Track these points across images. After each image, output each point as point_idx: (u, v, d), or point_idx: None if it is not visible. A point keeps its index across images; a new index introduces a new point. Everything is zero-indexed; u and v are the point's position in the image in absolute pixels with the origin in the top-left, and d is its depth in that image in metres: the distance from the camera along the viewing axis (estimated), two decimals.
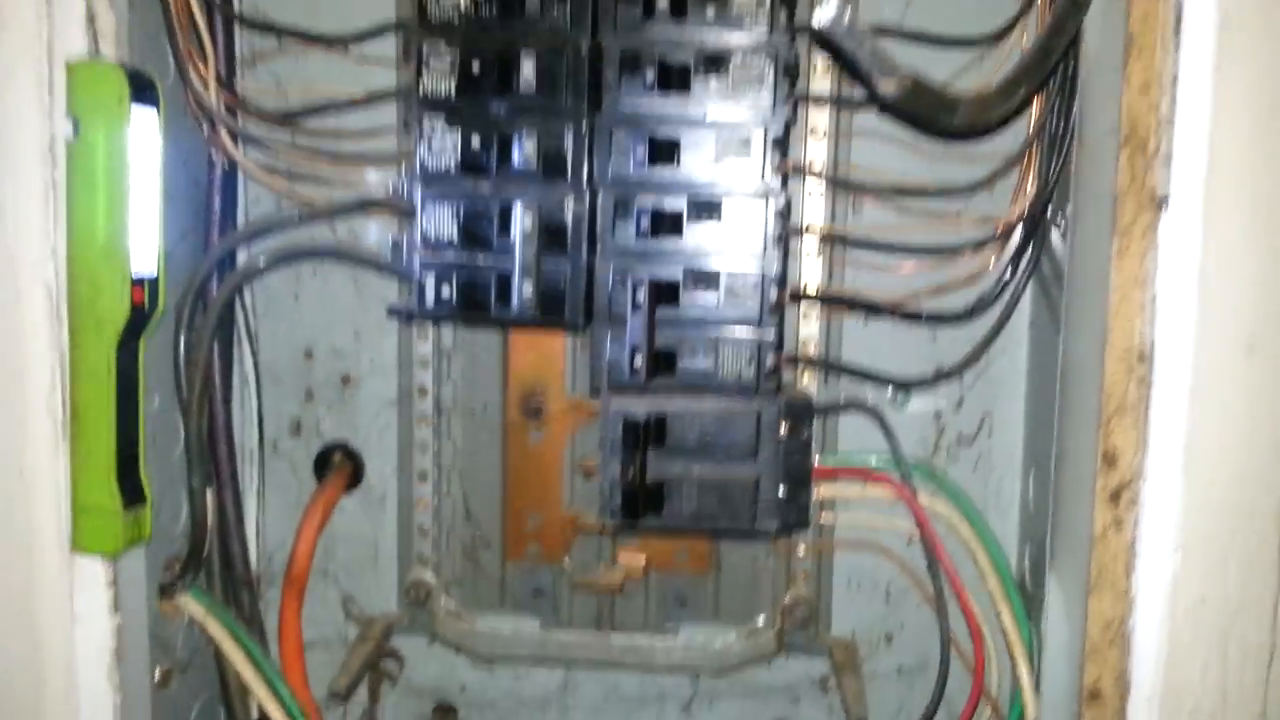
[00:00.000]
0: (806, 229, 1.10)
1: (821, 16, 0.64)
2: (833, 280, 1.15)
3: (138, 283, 0.96)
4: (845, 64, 0.68)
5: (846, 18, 0.64)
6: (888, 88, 0.69)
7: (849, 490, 1.15)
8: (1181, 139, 0.87)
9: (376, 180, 1.08)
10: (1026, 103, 0.89)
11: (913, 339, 1.15)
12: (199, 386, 1.07)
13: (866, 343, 1.16)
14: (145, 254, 0.97)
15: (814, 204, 1.13)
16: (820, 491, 1.15)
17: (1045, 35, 0.84)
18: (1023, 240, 1.06)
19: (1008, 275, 1.07)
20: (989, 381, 1.14)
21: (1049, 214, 1.05)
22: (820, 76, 1.10)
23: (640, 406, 0.98)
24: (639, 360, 0.96)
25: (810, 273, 1.13)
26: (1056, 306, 1.04)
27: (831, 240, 1.12)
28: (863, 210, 1.14)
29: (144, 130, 0.95)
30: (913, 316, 1.09)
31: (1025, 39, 1.03)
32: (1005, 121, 0.93)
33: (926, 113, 0.74)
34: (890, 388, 1.16)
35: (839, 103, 1.11)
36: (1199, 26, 0.86)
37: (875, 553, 1.18)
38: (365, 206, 1.08)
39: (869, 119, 1.10)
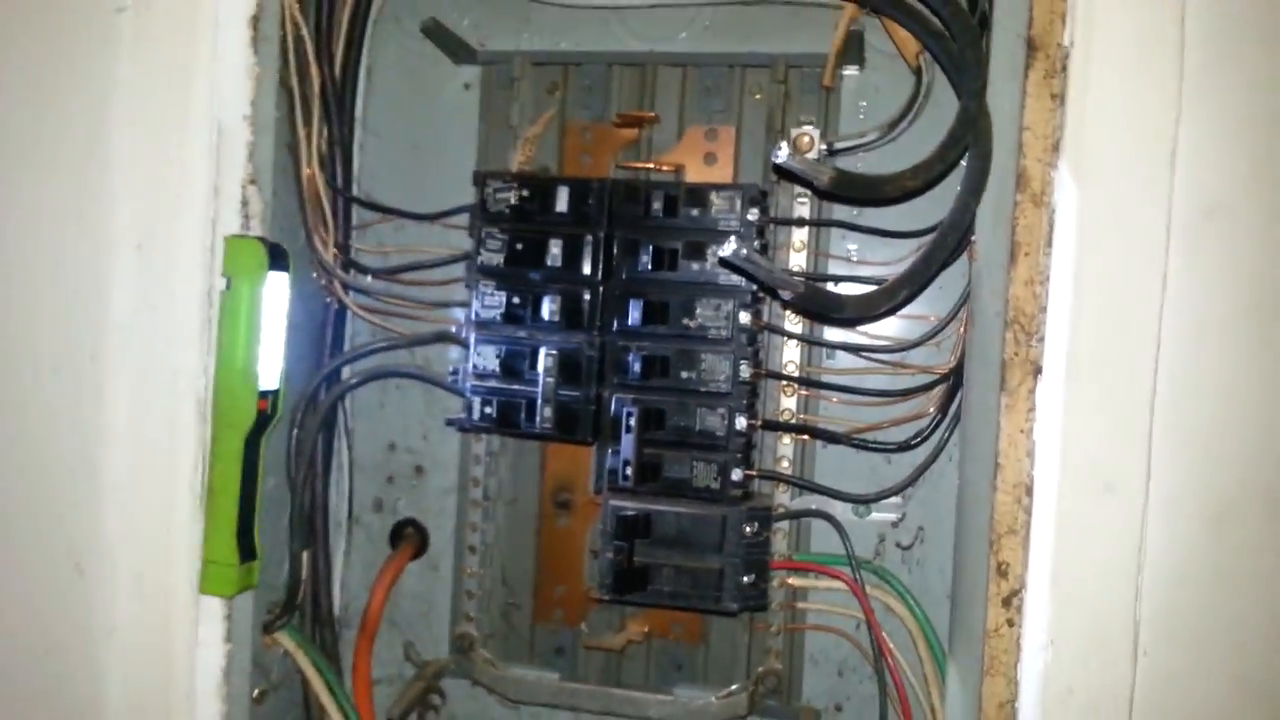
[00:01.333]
0: (769, 373, 1.37)
1: (724, 251, 0.93)
2: (808, 409, 1.42)
3: (263, 395, 1.29)
4: (751, 279, 0.96)
5: (744, 250, 0.93)
6: (786, 294, 0.98)
7: (813, 582, 1.41)
8: (1051, 323, 1.12)
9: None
10: (910, 300, 1.16)
11: (871, 461, 1.40)
12: (305, 471, 1.41)
13: (835, 462, 1.42)
14: (271, 374, 1.31)
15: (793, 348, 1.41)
16: (792, 582, 1.42)
17: (928, 250, 1.11)
18: (950, 389, 1.32)
19: (939, 416, 1.33)
20: (921, 501, 1.39)
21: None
22: (796, 252, 1.39)
23: (631, 505, 1.27)
24: (630, 470, 1.26)
25: (788, 403, 1.40)
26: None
27: (802, 382, 1.39)
28: (835, 355, 1.41)
29: (277, 286, 1.29)
30: (861, 445, 1.36)
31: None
32: (892, 312, 1.20)
33: (820, 309, 1.02)
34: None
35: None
36: (1065, 238, 1.12)
37: (835, 635, 1.43)
38: (437, 340, 1.42)
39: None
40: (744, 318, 1.27)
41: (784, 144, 0.95)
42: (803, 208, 1.39)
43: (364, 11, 1.44)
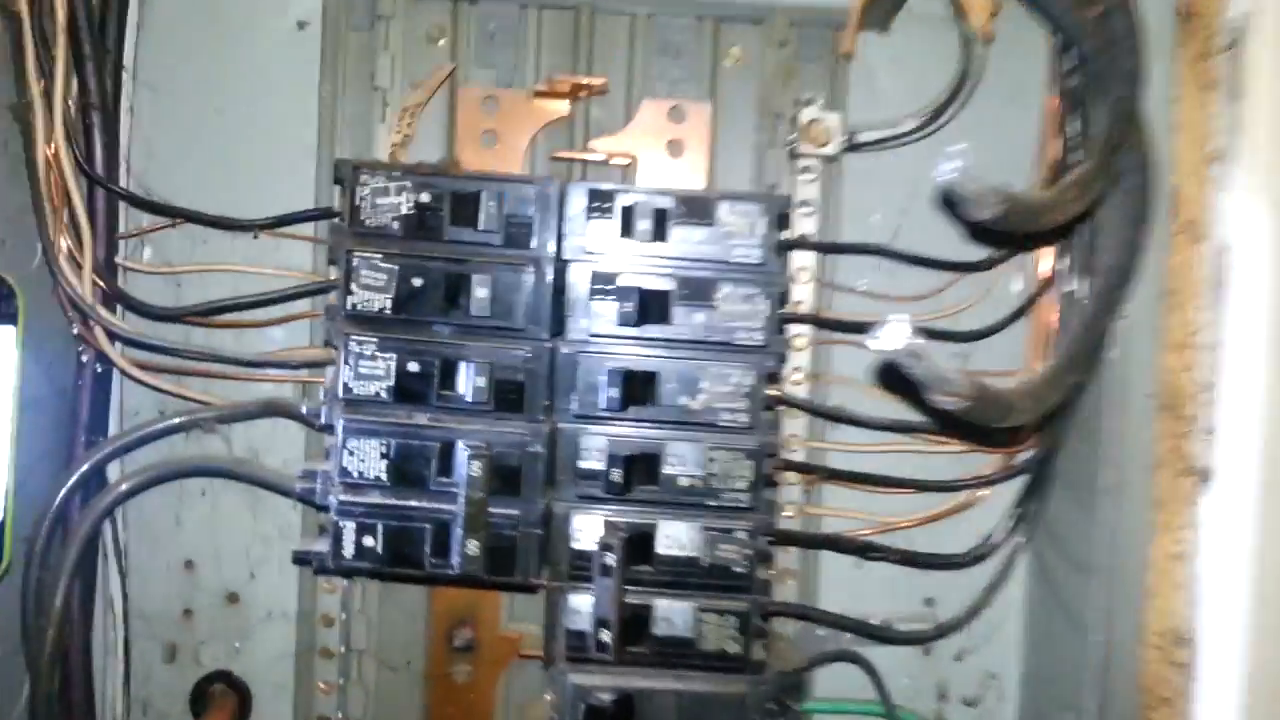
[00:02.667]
0: (793, 464, 0.96)
1: (884, 342, 0.52)
2: (810, 497, 1.02)
3: None
4: (908, 384, 0.57)
5: (907, 340, 0.53)
6: (949, 402, 0.58)
7: None
8: (1227, 407, 0.77)
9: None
10: (1080, 390, 0.79)
11: (901, 573, 1.01)
12: (53, 633, 0.87)
13: (843, 573, 1.02)
14: None
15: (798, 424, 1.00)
16: None
17: (1091, 318, 0.74)
18: (1030, 488, 0.95)
19: (1016, 518, 0.96)
20: (995, 640, 1.03)
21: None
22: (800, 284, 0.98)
23: (605, 685, 0.83)
24: (605, 635, 0.81)
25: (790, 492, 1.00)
26: (1050, 571, 0.94)
27: (833, 477, 0.98)
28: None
29: None
30: (909, 560, 0.97)
31: None
32: (1063, 412, 0.82)
33: (986, 418, 0.62)
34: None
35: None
36: (1246, 282, 0.77)
37: None
38: (266, 414, 0.91)
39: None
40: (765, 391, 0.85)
41: (956, 156, 0.55)
42: (807, 221, 0.98)
43: None
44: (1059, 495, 0.97)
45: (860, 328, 0.95)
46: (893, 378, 0.60)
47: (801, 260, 0.99)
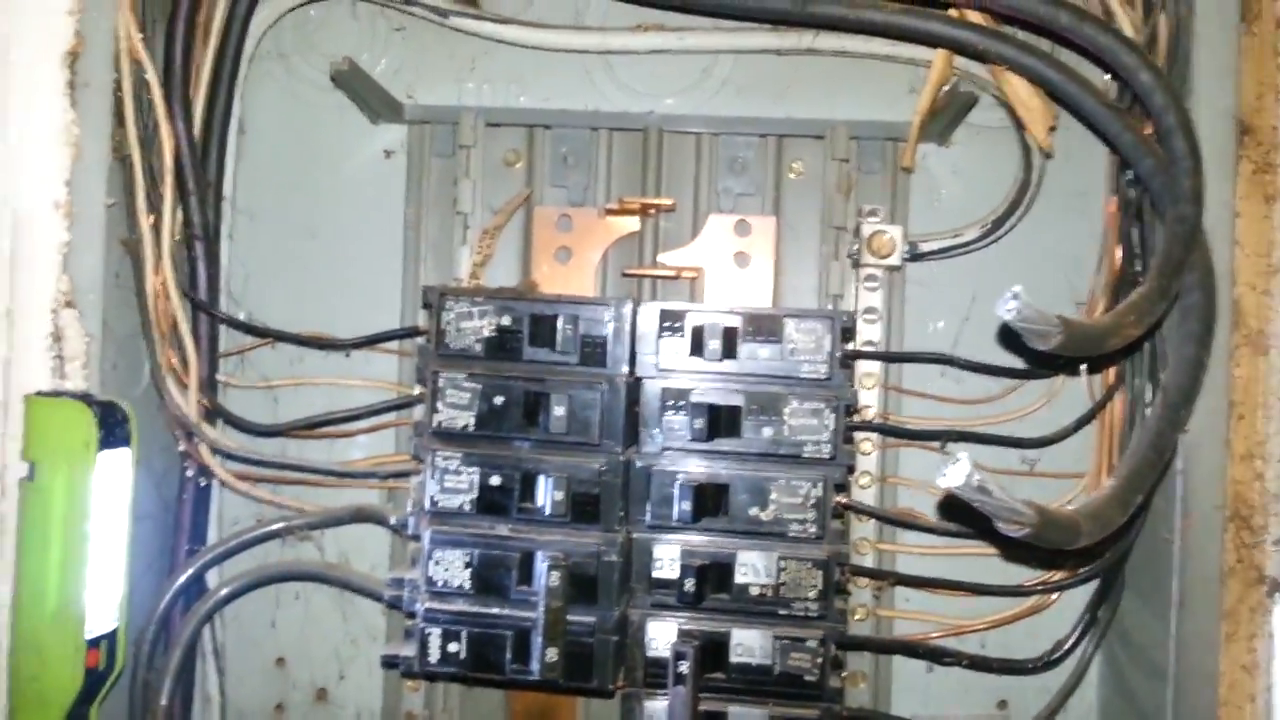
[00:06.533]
0: (860, 570, 0.99)
1: (952, 480, 0.55)
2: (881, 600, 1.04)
3: (94, 644, 0.82)
4: (976, 513, 0.59)
5: (975, 478, 0.56)
6: (1016, 531, 0.61)
7: None
8: None
9: None
10: (1143, 508, 0.81)
11: (974, 677, 1.03)
12: None
13: (923, 681, 1.05)
14: (105, 608, 0.83)
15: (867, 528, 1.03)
16: None
17: (1154, 434, 0.76)
18: (1100, 593, 0.96)
19: (1085, 622, 0.97)
20: None
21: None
22: (866, 389, 1.01)
23: None
24: None
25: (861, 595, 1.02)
26: (1125, 677, 0.95)
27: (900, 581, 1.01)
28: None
29: (113, 472, 0.82)
30: (981, 665, 0.98)
31: None
32: (1129, 525, 0.84)
33: (1055, 543, 0.65)
34: None
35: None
36: None
37: None
38: (356, 520, 0.96)
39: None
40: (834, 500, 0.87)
41: (1017, 291, 0.58)
42: (872, 328, 1.02)
43: (236, 45, 0.98)
44: (1131, 600, 0.97)
45: (928, 435, 0.99)
46: (958, 509, 0.62)
47: (868, 366, 1.03)
